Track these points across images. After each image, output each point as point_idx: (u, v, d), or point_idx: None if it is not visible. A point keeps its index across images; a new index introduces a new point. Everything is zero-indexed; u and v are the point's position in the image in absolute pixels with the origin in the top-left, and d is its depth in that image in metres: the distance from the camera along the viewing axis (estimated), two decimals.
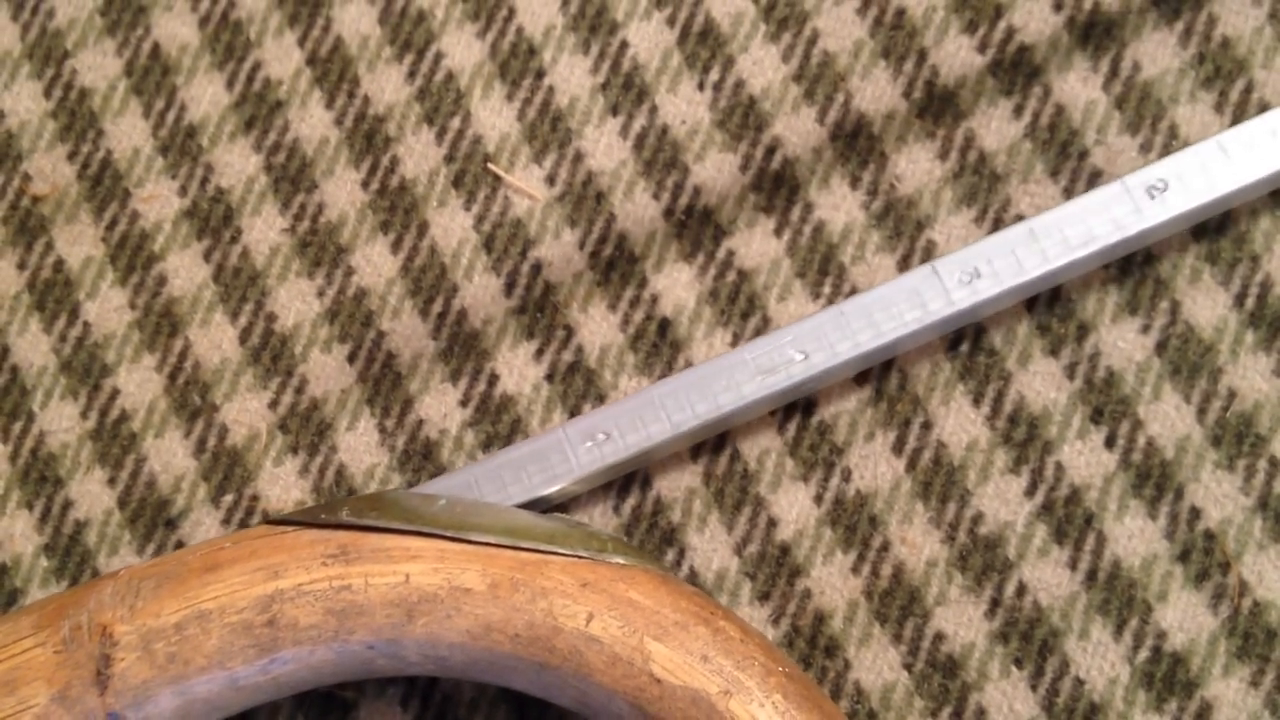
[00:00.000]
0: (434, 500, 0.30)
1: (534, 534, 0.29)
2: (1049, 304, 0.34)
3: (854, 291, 0.34)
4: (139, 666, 0.28)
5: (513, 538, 0.29)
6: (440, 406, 0.35)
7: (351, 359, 0.35)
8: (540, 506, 0.33)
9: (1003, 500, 0.33)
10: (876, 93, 0.36)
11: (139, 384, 0.35)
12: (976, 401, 0.34)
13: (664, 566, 0.30)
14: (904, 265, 0.34)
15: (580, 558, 0.29)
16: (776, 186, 0.35)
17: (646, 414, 0.32)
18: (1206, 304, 0.34)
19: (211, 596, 0.29)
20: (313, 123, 0.36)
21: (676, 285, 0.35)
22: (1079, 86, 0.35)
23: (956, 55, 0.35)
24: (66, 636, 0.28)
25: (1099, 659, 0.32)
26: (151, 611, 0.29)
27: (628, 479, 0.34)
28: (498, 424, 0.34)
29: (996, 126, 0.35)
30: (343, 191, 0.36)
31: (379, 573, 0.28)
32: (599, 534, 0.30)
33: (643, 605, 0.28)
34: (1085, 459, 0.33)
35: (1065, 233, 0.32)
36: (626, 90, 0.36)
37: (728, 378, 0.32)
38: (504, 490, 0.32)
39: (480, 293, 0.35)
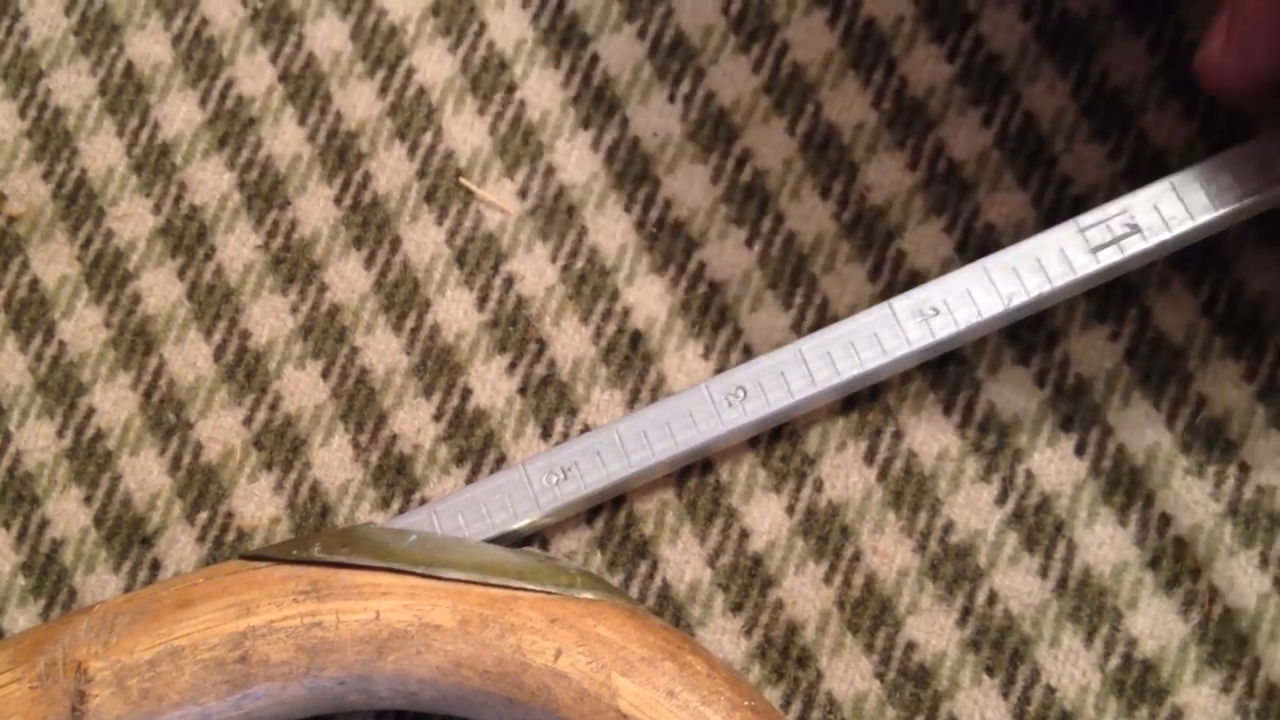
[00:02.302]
0: (405, 536, 0.30)
1: (503, 570, 0.29)
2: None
3: (825, 304, 0.35)
4: (113, 703, 0.29)
5: (482, 573, 0.29)
6: (413, 422, 0.35)
7: (325, 375, 0.35)
8: (521, 535, 0.33)
9: (974, 509, 0.33)
10: (846, 103, 0.36)
11: (114, 402, 0.35)
12: (947, 410, 0.34)
13: (632, 600, 0.30)
14: (874, 275, 0.35)
15: (549, 593, 0.29)
16: (747, 198, 0.35)
17: (608, 452, 0.32)
18: (1176, 310, 0.34)
19: (184, 633, 0.29)
20: (285, 139, 0.37)
21: (648, 298, 0.35)
22: (1047, 94, 0.35)
23: (925, 65, 0.36)
24: (42, 673, 0.28)
25: (1070, 666, 0.32)
26: (125, 648, 0.29)
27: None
28: (471, 438, 0.34)
29: (965, 135, 0.35)
30: (315, 208, 0.36)
31: (350, 609, 0.29)
32: (568, 568, 0.30)
33: (610, 641, 0.28)
34: (1055, 467, 0.33)
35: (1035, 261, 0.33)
36: (598, 103, 0.36)
37: (701, 409, 0.32)
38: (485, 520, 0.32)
39: (453, 307, 0.35)
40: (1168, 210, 0.32)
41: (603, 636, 0.28)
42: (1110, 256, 0.32)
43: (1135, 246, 0.32)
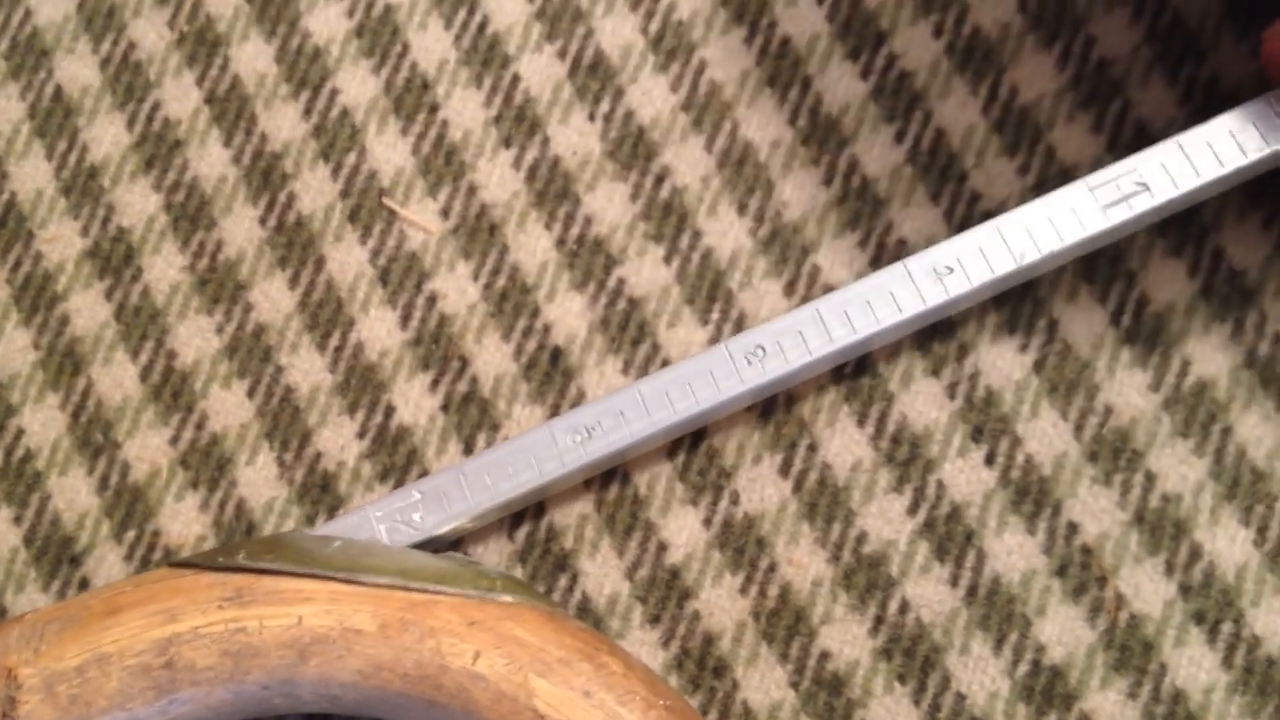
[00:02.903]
0: (329, 542, 0.31)
1: (425, 574, 0.30)
2: (930, 326, 0.35)
3: (742, 318, 0.35)
4: (43, 709, 0.29)
5: (404, 578, 0.30)
6: (338, 439, 0.35)
7: (250, 394, 0.36)
8: (443, 541, 0.33)
9: (886, 519, 0.34)
10: (762, 121, 0.36)
11: (43, 423, 0.36)
12: (861, 422, 0.34)
13: (552, 603, 0.31)
14: (789, 290, 0.35)
15: (469, 597, 0.30)
16: (666, 215, 0.36)
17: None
18: (1083, 321, 0.34)
19: (112, 640, 0.29)
20: (211, 161, 0.37)
21: (568, 315, 0.36)
22: (958, 111, 0.36)
23: (840, 82, 0.36)
24: None
25: (980, 674, 0.33)
26: (54, 655, 0.29)
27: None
28: (394, 455, 0.35)
29: (879, 152, 0.36)
30: (241, 228, 0.37)
31: (273, 615, 0.29)
32: (489, 572, 0.31)
33: (528, 643, 0.29)
34: (966, 477, 0.34)
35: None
36: (519, 123, 0.37)
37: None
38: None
39: (377, 326, 0.36)
40: (1175, 169, 0.33)
41: (520, 639, 0.29)
42: (1119, 214, 0.33)
43: (1144, 204, 0.33)
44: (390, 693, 0.29)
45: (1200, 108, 0.35)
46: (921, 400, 0.34)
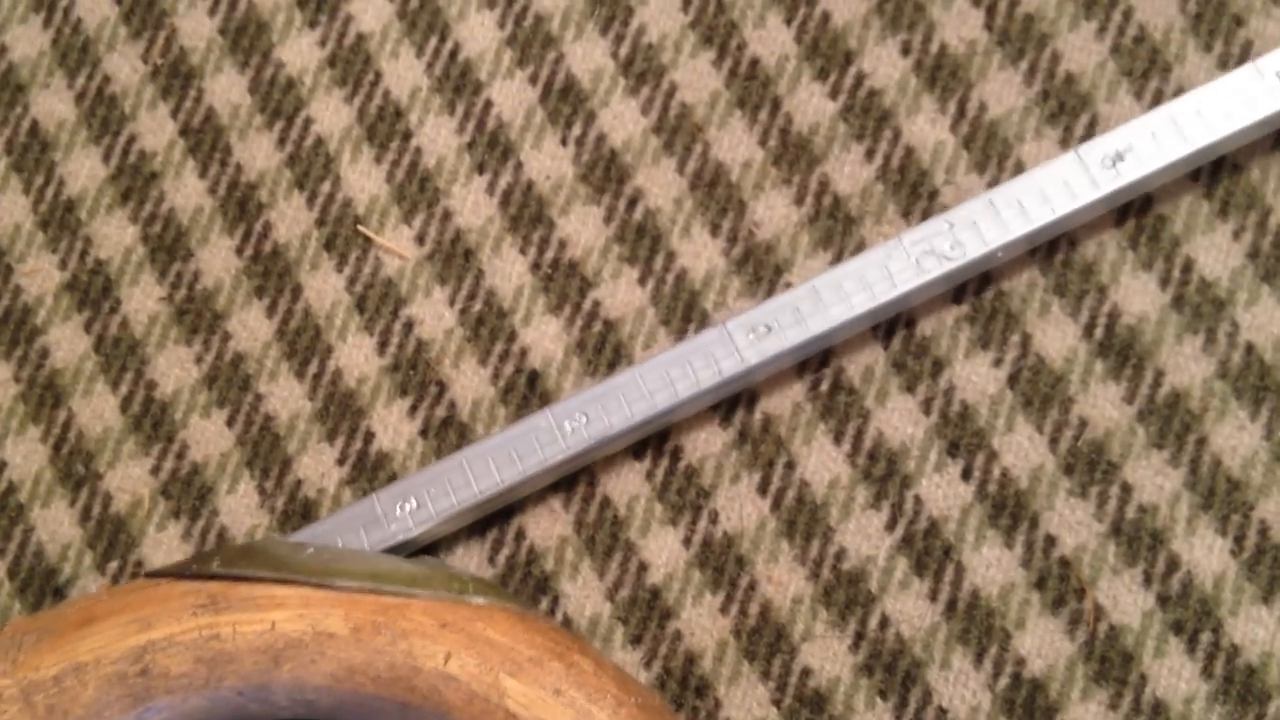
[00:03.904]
0: (302, 548, 0.31)
1: (396, 578, 0.30)
2: (904, 340, 0.35)
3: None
4: (21, 718, 0.29)
5: (376, 582, 0.30)
6: (318, 466, 0.35)
7: (230, 423, 0.36)
8: (411, 548, 0.34)
9: (864, 535, 0.34)
10: (733, 142, 0.36)
11: (25, 455, 0.36)
12: (837, 439, 0.35)
13: (523, 604, 0.31)
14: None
15: (440, 599, 0.30)
16: (639, 237, 0.36)
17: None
18: (1056, 335, 0.35)
19: (88, 649, 0.30)
20: (187, 192, 0.37)
21: (544, 338, 0.36)
22: (927, 128, 0.36)
23: (809, 102, 0.36)
24: None
25: (960, 688, 0.33)
26: (32, 665, 0.30)
27: (500, 530, 0.35)
28: (374, 481, 0.35)
29: (849, 171, 0.36)
30: (218, 259, 0.37)
31: (246, 621, 0.29)
32: (460, 575, 0.31)
33: (499, 643, 0.29)
34: (943, 492, 0.34)
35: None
36: (492, 148, 0.37)
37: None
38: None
39: (354, 352, 0.36)
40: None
41: (492, 639, 0.29)
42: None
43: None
44: (364, 695, 0.30)
45: None
46: (897, 416, 0.35)
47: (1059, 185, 0.33)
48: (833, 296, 0.33)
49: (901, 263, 0.33)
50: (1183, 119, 0.33)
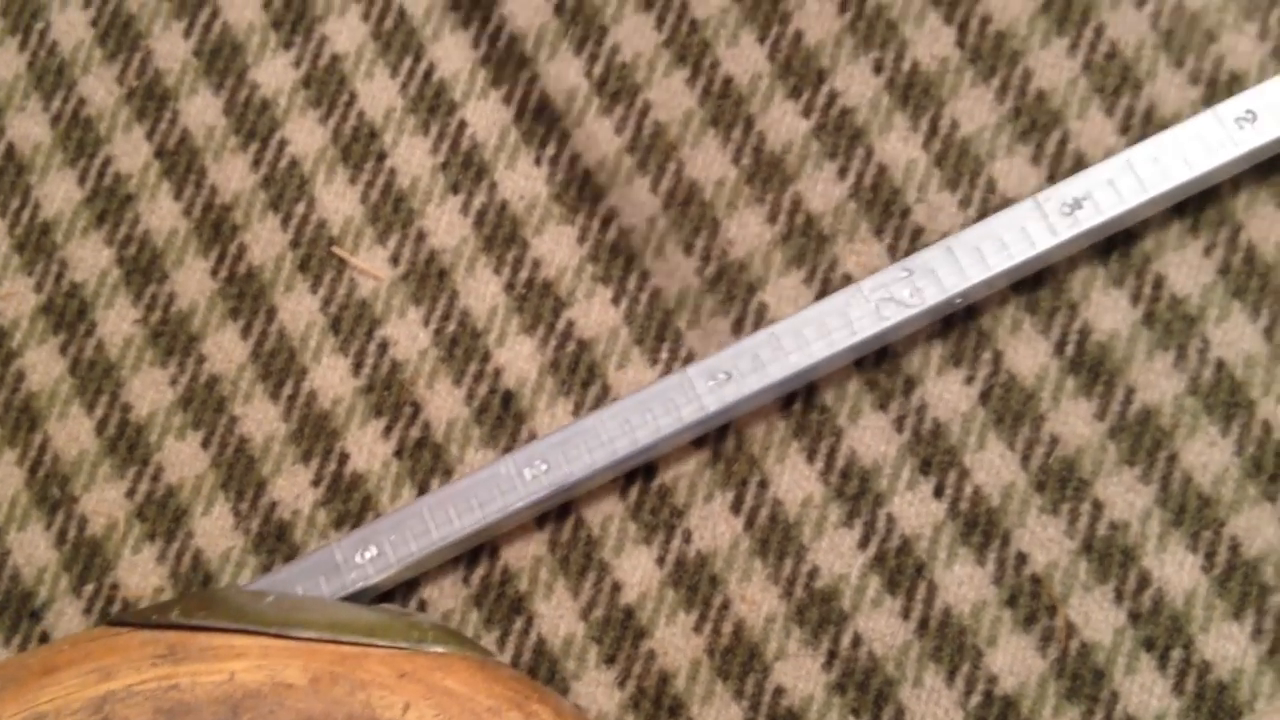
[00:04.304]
0: (262, 597, 0.31)
1: (355, 627, 0.30)
2: (876, 360, 0.35)
3: (690, 357, 0.35)
4: None
5: (335, 632, 0.30)
6: (293, 488, 0.35)
7: (205, 445, 0.36)
8: (380, 590, 0.34)
9: (837, 554, 0.34)
10: (707, 160, 0.37)
11: (1, 479, 0.36)
12: (810, 458, 0.35)
13: (485, 652, 0.31)
14: (738, 328, 0.35)
15: (400, 649, 0.30)
16: (613, 256, 0.36)
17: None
18: (1028, 353, 0.35)
19: (48, 699, 0.30)
20: (162, 214, 0.37)
21: (519, 358, 0.36)
22: (900, 146, 0.36)
23: (782, 121, 0.37)
24: None
25: (933, 705, 0.33)
26: None
27: (475, 551, 0.35)
28: (349, 502, 0.35)
29: (822, 189, 0.36)
30: (192, 281, 0.37)
31: (205, 671, 0.29)
32: (420, 623, 0.31)
33: (458, 693, 0.29)
34: (915, 510, 0.34)
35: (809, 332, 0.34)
36: (466, 169, 0.37)
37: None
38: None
39: (328, 374, 0.36)
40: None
41: (450, 689, 0.29)
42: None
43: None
44: None
45: (1139, 137, 0.35)
46: (870, 434, 0.35)
47: (1017, 232, 0.33)
48: (792, 343, 0.33)
49: (861, 309, 0.33)
50: (1140, 166, 0.34)
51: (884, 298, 0.33)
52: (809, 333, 0.33)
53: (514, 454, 0.33)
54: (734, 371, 0.33)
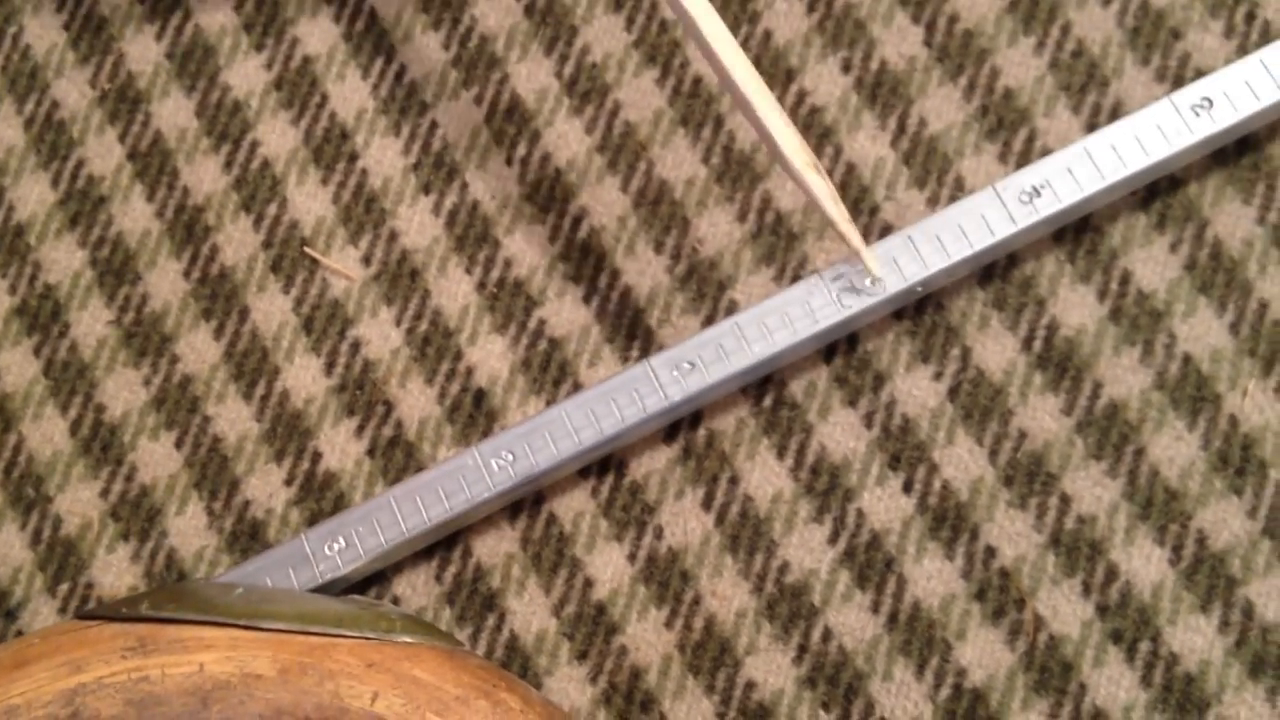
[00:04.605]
0: (231, 589, 0.31)
1: (324, 618, 0.30)
2: (846, 356, 0.35)
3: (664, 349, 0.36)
4: None
5: (303, 623, 0.30)
6: (266, 487, 0.36)
7: (179, 445, 0.36)
8: (351, 581, 0.34)
9: (807, 549, 0.34)
10: (677, 160, 0.37)
11: None
12: (780, 454, 0.35)
13: (454, 641, 0.31)
14: (708, 324, 0.36)
15: (368, 639, 0.30)
16: (584, 255, 0.36)
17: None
18: (995, 349, 0.35)
19: (19, 692, 0.30)
20: (135, 216, 0.38)
21: (490, 357, 0.36)
22: (868, 144, 0.36)
23: None
24: None
25: (903, 699, 0.33)
26: None
27: (447, 547, 0.35)
28: (321, 500, 0.35)
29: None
30: (165, 282, 0.37)
31: (174, 663, 0.30)
32: (389, 614, 0.31)
33: (425, 682, 0.29)
34: (884, 505, 0.34)
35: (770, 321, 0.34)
36: (437, 169, 0.37)
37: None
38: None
39: (301, 373, 0.36)
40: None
41: (418, 678, 0.29)
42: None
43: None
44: None
45: None
46: (839, 430, 0.35)
47: (976, 220, 0.34)
48: (755, 333, 0.34)
49: (823, 298, 0.34)
50: (1098, 153, 0.34)
51: (845, 287, 0.34)
52: (771, 322, 0.34)
53: (480, 445, 0.34)
54: (698, 361, 0.34)
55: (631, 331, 0.36)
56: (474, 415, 0.36)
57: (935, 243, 0.34)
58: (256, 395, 0.36)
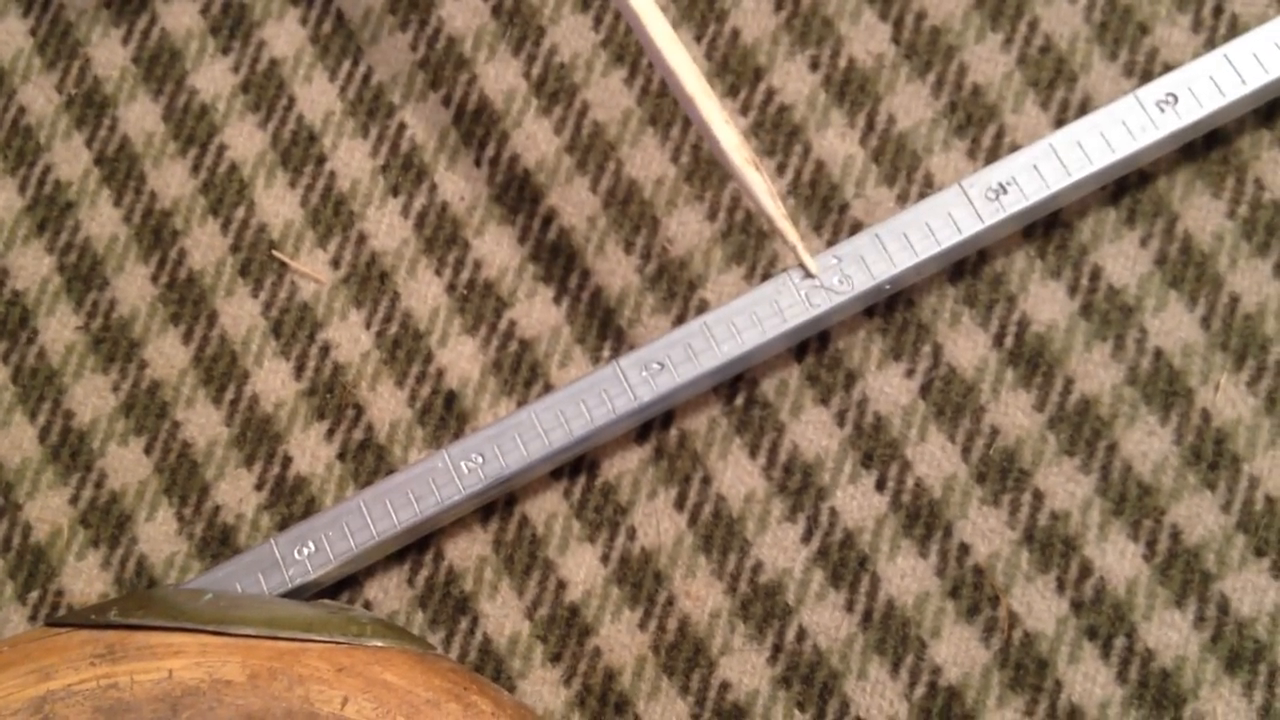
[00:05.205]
0: (200, 595, 0.31)
1: (294, 623, 0.30)
2: (817, 354, 0.35)
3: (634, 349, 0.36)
4: None
5: (273, 628, 0.30)
6: (236, 492, 0.35)
7: (148, 451, 0.36)
8: (321, 585, 0.34)
9: (781, 548, 0.34)
10: (646, 159, 0.37)
11: None
12: (753, 453, 0.35)
13: (425, 645, 0.31)
14: (679, 323, 0.36)
15: (338, 643, 0.30)
16: (554, 256, 0.36)
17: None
18: (967, 345, 0.35)
19: None
20: (102, 221, 0.37)
21: (461, 358, 0.36)
22: (837, 142, 0.36)
23: None
24: None
25: (878, 698, 0.33)
26: None
27: (419, 550, 0.35)
28: (292, 505, 0.35)
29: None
30: (133, 287, 0.37)
31: (143, 670, 0.29)
32: (359, 618, 0.31)
33: (396, 686, 0.29)
34: (858, 503, 0.34)
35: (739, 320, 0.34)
36: (406, 171, 0.37)
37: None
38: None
39: (271, 377, 0.36)
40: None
41: (389, 682, 0.29)
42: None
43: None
44: None
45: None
46: (812, 429, 0.35)
47: (943, 218, 0.34)
48: (724, 332, 0.34)
49: (791, 297, 0.34)
50: (1063, 150, 0.34)
51: (814, 285, 0.33)
52: (740, 321, 0.34)
53: (450, 448, 0.33)
54: (666, 362, 0.33)
55: (603, 332, 0.36)
56: (445, 418, 0.36)
57: (902, 240, 0.34)
58: (226, 400, 0.36)
